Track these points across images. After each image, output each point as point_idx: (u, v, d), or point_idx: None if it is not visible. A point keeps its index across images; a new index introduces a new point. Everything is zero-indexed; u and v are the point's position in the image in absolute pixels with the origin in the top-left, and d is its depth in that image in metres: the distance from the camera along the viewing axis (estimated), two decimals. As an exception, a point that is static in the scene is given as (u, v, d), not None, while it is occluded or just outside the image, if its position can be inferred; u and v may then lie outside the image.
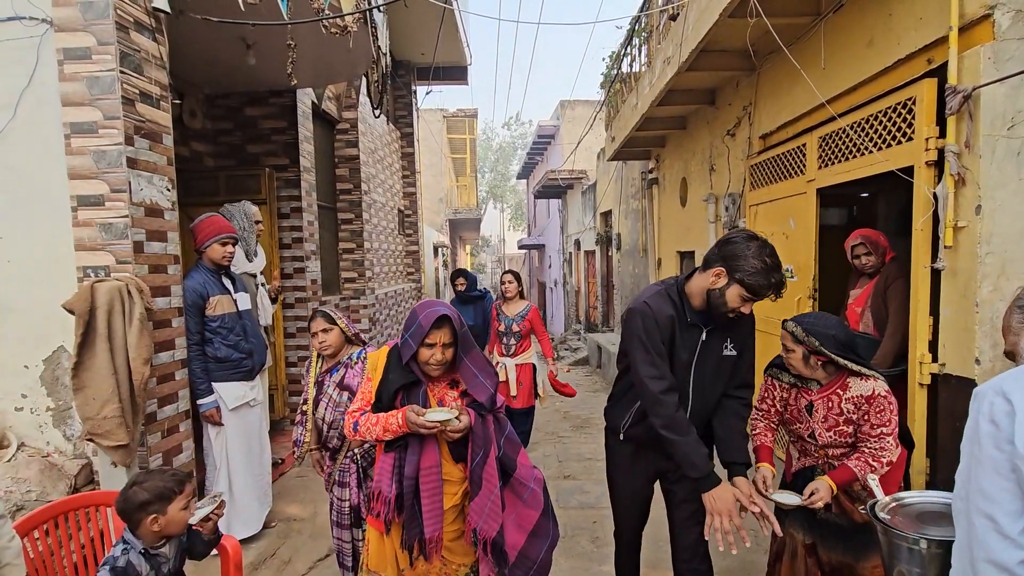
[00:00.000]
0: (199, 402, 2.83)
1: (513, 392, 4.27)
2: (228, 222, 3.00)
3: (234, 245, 2.96)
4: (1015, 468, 0.79)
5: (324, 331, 2.32)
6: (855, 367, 1.84)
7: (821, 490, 1.78)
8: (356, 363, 2.34)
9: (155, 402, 2.56)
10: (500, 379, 3.85)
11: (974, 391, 0.90)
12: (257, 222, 3.62)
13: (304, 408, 2.40)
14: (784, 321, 1.96)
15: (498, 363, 4.28)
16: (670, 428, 1.78)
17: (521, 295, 4.43)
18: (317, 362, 2.40)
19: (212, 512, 1.75)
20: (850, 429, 1.88)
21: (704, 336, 1.87)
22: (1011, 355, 1.06)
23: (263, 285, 3.79)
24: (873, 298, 2.98)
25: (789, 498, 1.85)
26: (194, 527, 1.74)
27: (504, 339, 4.32)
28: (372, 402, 1.78)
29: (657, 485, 2.14)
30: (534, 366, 4.40)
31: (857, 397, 1.85)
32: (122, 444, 2.29)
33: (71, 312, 2.26)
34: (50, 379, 2.55)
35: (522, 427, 4.46)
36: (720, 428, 1.94)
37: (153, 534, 1.64)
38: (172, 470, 1.79)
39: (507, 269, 4.58)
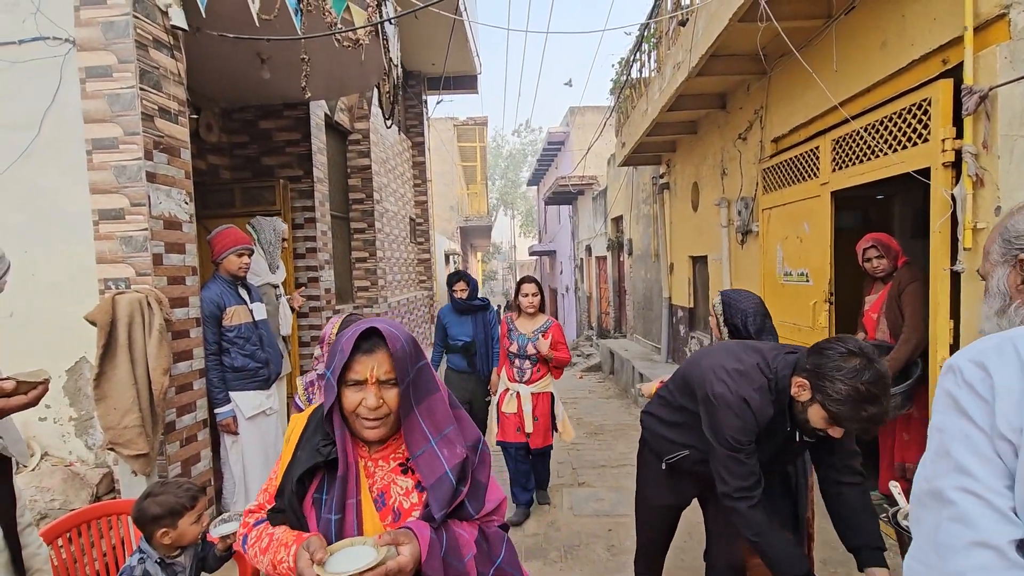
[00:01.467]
0: (216, 411, 2.87)
1: (528, 428, 3.50)
2: (244, 233, 3.05)
3: (250, 256, 3.01)
4: (995, 443, 0.67)
5: None
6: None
7: None
8: None
9: (174, 411, 2.60)
10: (511, 410, 3.48)
11: (946, 363, 0.78)
12: (284, 239, 3.90)
13: None
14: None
15: (507, 390, 3.56)
16: (760, 536, 1.57)
17: (542, 308, 3.59)
18: None
19: (234, 534, 1.73)
20: None
21: (797, 438, 1.63)
22: (984, 277, 0.97)
23: (283, 296, 3.92)
24: (887, 304, 2.94)
25: None
26: (214, 540, 1.75)
27: (517, 362, 3.51)
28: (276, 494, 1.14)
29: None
30: (553, 396, 3.63)
31: None
32: (142, 453, 2.32)
33: (93, 324, 2.31)
34: (72, 389, 2.61)
35: (540, 474, 3.77)
36: (836, 505, 1.65)
37: (165, 546, 1.67)
38: (187, 483, 1.80)
39: (527, 276, 3.68)
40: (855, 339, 1.50)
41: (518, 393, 3.53)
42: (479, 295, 4.01)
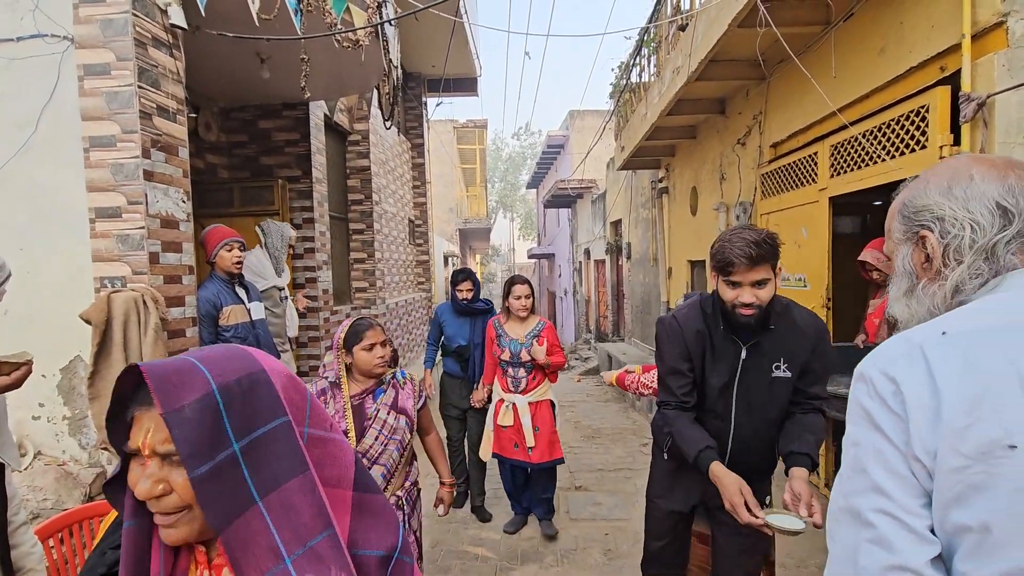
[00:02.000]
0: None
1: (529, 442, 3.17)
2: (230, 228, 3.01)
3: (241, 249, 2.97)
4: (909, 462, 0.66)
5: (384, 344, 1.95)
6: None
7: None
8: (405, 383, 2.03)
9: (169, 411, 2.59)
10: (507, 423, 3.21)
11: (857, 370, 0.75)
12: (291, 245, 3.92)
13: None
14: None
15: (502, 401, 3.25)
16: (663, 422, 1.78)
17: (533, 310, 3.30)
18: (347, 382, 1.97)
19: None
20: None
21: (744, 354, 1.67)
22: (889, 258, 0.92)
23: (289, 298, 3.98)
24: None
25: (791, 523, 1.42)
26: None
27: (510, 370, 3.21)
28: None
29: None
30: (553, 403, 3.30)
31: None
32: (136, 453, 2.31)
33: (88, 322, 2.30)
34: (67, 388, 2.59)
35: (542, 492, 3.32)
36: (787, 423, 1.72)
37: None
38: None
39: (517, 276, 3.38)
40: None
41: (514, 405, 3.21)
42: (482, 297, 3.69)
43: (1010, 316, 0.69)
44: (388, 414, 1.94)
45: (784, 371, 1.66)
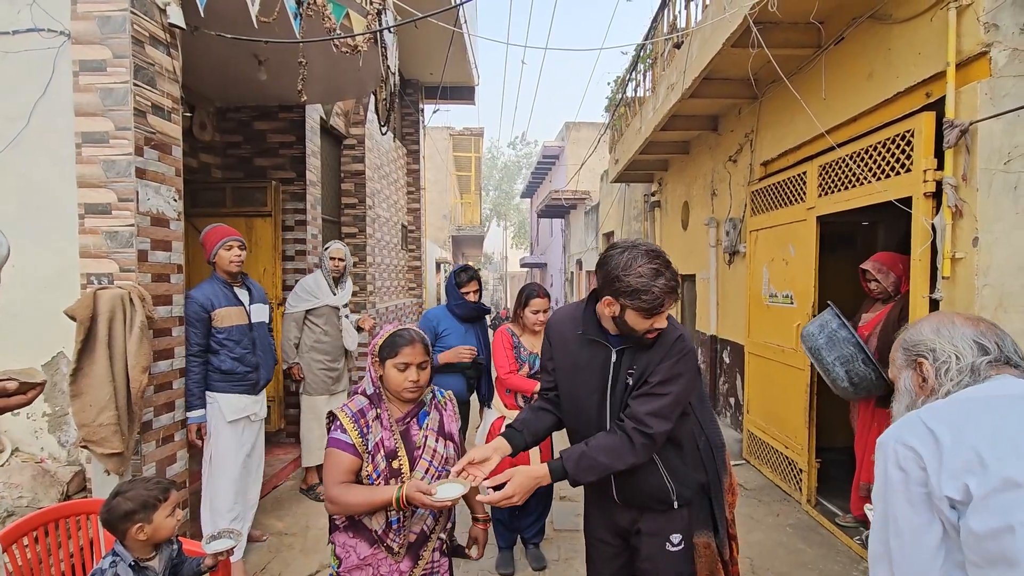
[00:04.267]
0: (188, 414, 2.76)
1: (534, 462, 2.86)
2: (230, 227, 2.96)
3: (241, 248, 2.91)
4: (934, 507, 0.86)
5: (422, 366, 1.63)
6: None
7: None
8: (446, 403, 1.79)
9: (152, 411, 2.56)
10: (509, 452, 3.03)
11: (878, 441, 0.97)
12: (332, 258, 3.93)
13: (397, 471, 1.60)
14: None
15: (503, 419, 2.92)
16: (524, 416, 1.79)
17: None
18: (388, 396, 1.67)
19: (227, 551, 1.73)
20: None
21: (615, 357, 1.60)
22: (894, 381, 1.14)
23: (347, 317, 4.11)
24: (884, 326, 2.94)
25: (454, 490, 1.50)
26: (207, 556, 1.73)
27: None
28: None
29: None
30: None
31: None
32: (116, 452, 2.28)
33: (73, 318, 2.28)
34: (48, 385, 2.56)
35: (538, 516, 3.11)
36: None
37: (141, 544, 1.64)
38: (155, 479, 1.78)
39: (536, 287, 2.99)
40: (619, 241, 1.56)
41: None
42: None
43: (988, 392, 0.94)
44: (436, 441, 1.67)
45: (630, 379, 1.59)
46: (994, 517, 0.79)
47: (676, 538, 1.68)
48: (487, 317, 3.22)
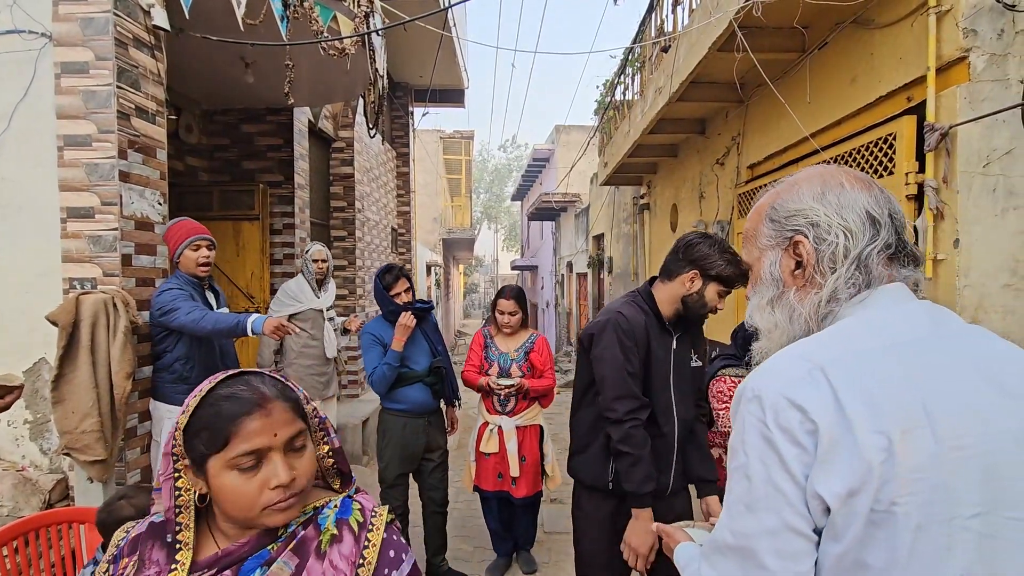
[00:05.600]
0: (251, 320, 2.35)
1: (513, 471, 2.83)
2: (197, 223, 2.61)
3: (209, 248, 2.57)
4: (808, 500, 0.64)
5: (295, 446, 0.92)
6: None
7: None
8: (343, 532, 1.01)
9: (135, 417, 2.53)
10: (491, 450, 2.86)
11: (749, 388, 0.70)
12: (314, 260, 3.83)
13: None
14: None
15: (486, 424, 2.93)
16: (628, 442, 1.69)
17: (524, 323, 2.97)
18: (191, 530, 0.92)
19: None
20: None
21: (675, 344, 1.87)
22: (751, 265, 0.88)
23: (332, 320, 4.00)
24: None
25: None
26: None
27: (499, 389, 2.87)
28: None
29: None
30: (542, 429, 2.98)
31: None
32: (100, 459, 2.25)
33: (54, 324, 2.25)
34: (30, 391, 2.52)
35: (524, 525, 3.05)
36: (691, 439, 1.91)
37: None
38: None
39: (506, 288, 3.01)
40: (691, 232, 1.85)
41: (499, 428, 2.86)
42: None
43: (889, 337, 0.70)
44: None
45: (696, 361, 1.91)
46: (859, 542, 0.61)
47: None
48: (433, 313, 3.00)
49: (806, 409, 0.64)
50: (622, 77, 6.29)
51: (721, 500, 1.42)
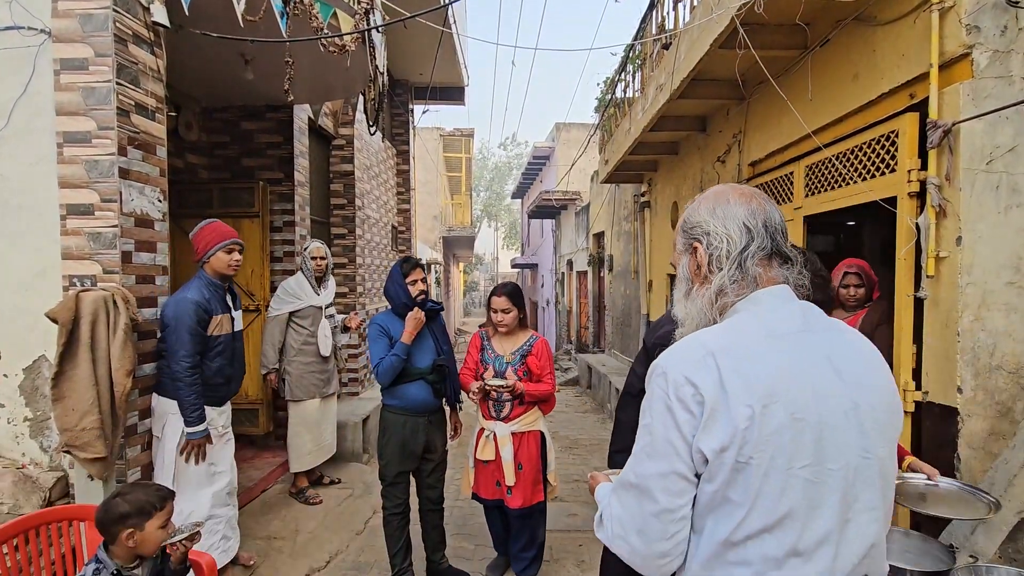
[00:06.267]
0: (190, 430, 2.51)
1: (509, 479, 2.69)
2: (232, 228, 2.76)
3: (241, 252, 2.74)
4: (692, 452, 0.85)
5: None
6: None
7: None
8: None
9: (136, 414, 2.53)
10: (487, 458, 2.74)
11: (659, 366, 0.90)
12: (313, 258, 3.88)
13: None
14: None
15: (483, 431, 2.80)
16: None
17: (523, 323, 2.82)
18: None
19: (182, 541, 1.66)
20: None
21: None
22: (675, 266, 1.08)
23: (331, 318, 4.05)
24: (862, 331, 2.85)
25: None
26: (165, 548, 1.70)
27: (492, 393, 2.75)
28: None
29: None
30: (543, 435, 2.82)
31: None
32: (100, 457, 2.24)
33: (54, 321, 2.24)
34: (30, 389, 2.51)
35: (523, 547, 2.85)
36: None
37: (128, 551, 1.61)
38: (156, 485, 1.76)
39: (500, 285, 2.85)
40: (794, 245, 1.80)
41: (494, 435, 2.72)
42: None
43: (766, 330, 0.90)
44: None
45: None
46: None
47: None
48: (442, 315, 2.97)
49: (698, 386, 0.84)
50: (623, 74, 6.27)
51: None
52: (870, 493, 0.86)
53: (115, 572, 1.60)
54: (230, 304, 2.77)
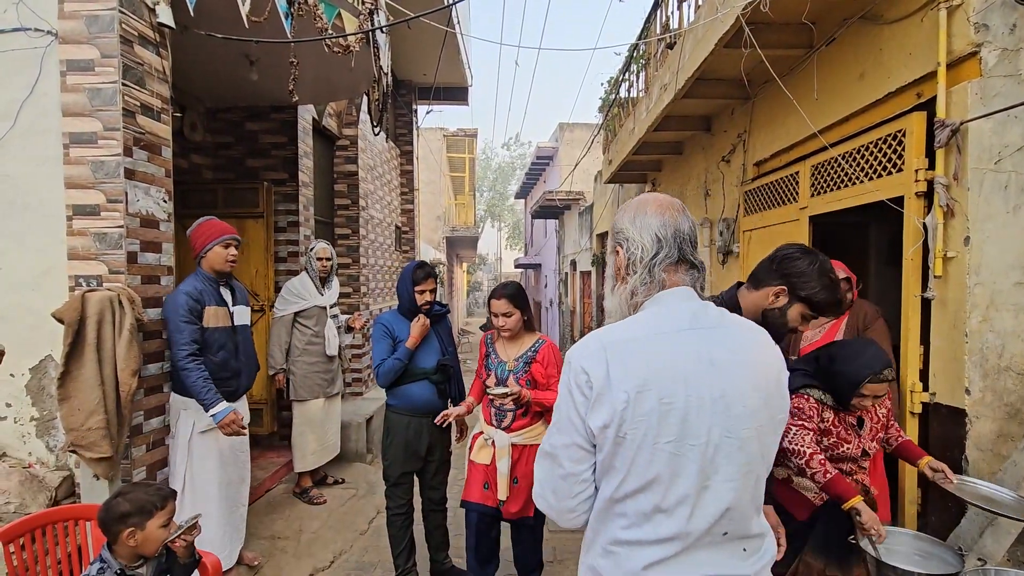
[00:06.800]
0: (212, 412, 2.49)
1: (501, 493, 2.49)
2: (228, 224, 2.78)
3: (237, 247, 2.76)
4: (587, 428, 1.02)
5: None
6: None
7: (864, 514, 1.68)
8: None
9: (141, 414, 2.53)
10: (482, 460, 2.57)
11: (568, 355, 1.07)
12: (319, 259, 3.91)
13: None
14: (885, 371, 1.83)
15: (481, 434, 2.66)
16: None
17: (528, 325, 2.60)
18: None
19: (181, 535, 1.67)
20: (882, 433, 1.91)
21: None
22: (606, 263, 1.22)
23: (335, 318, 4.07)
24: (847, 336, 2.55)
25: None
26: (169, 545, 1.70)
27: (495, 399, 2.51)
28: None
29: None
30: None
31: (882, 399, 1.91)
32: (105, 456, 2.25)
33: (60, 321, 2.25)
34: (36, 388, 2.52)
35: (520, 559, 2.66)
36: None
37: (130, 550, 1.61)
38: (157, 485, 1.77)
39: (501, 286, 2.62)
40: (794, 243, 1.73)
41: (492, 441, 2.54)
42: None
43: (654, 327, 1.05)
44: None
45: None
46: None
47: None
48: (449, 317, 2.94)
49: (590, 374, 1.01)
50: (627, 74, 6.25)
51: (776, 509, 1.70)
52: (729, 466, 1.00)
53: (119, 571, 1.60)
54: (227, 299, 2.78)
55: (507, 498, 2.50)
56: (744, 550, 1.05)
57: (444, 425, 2.69)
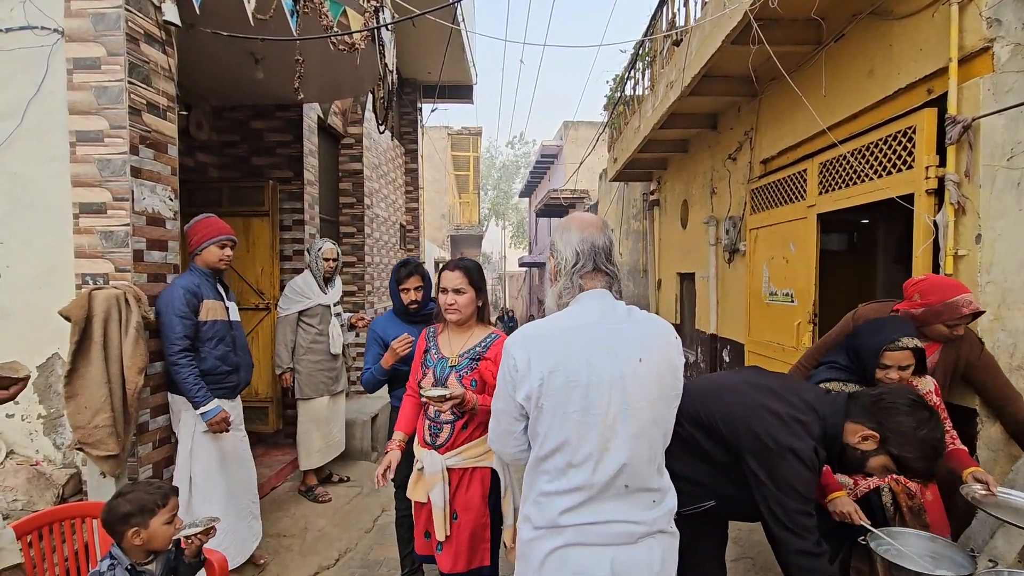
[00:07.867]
0: (201, 411, 2.51)
1: (439, 532, 1.92)
2: (225, 223, 2.79)
3: (233, 248, 2.78)
4: (516, 400, 1.30)
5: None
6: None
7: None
8: None
9: (147, 412, 2.54)
10: (418, 499, 1.99)
11: (506, 341, 1.35)
12: (326, 259, 3.90)
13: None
14: (903, 339, 1.88)
15: (416, 462, 2.03)
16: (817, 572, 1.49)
17: (481, 316, 2.07)
18: None
19: (196, 535, 1.68)
20: None
21: None
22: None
23: (338, 316, 4.07)
24: (943, 370, 2.22)
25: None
26: (179, 542, 1.71)
27: (431, 409, 1.98)
28: None
29: None
30: (495, 473, 1.98)
31: (927, 394, 1.90)
32: (112, 454, 2.26)
33: (67, 319, 2.25)
34: (43, 386, 2.53)
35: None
36: None
37: (137, 548, 1.61)
38: (158, 483, 1.76)
39: (454, 260, 2.13)
40: (909, 389, 1.60)
41: (424, 468, 1.95)
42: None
43: (568, 322, 1.31)
44: None
45: None
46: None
47: None
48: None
49: (516, 359, 1.30)
50: (632, 71, 6.23)
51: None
52: (625, 431, 1.25)
53: (129, 568, 1.60)
54: (222, 294, 2.79)
55: (444, 543, 1.92)
56: (653, 502, 1.30)
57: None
